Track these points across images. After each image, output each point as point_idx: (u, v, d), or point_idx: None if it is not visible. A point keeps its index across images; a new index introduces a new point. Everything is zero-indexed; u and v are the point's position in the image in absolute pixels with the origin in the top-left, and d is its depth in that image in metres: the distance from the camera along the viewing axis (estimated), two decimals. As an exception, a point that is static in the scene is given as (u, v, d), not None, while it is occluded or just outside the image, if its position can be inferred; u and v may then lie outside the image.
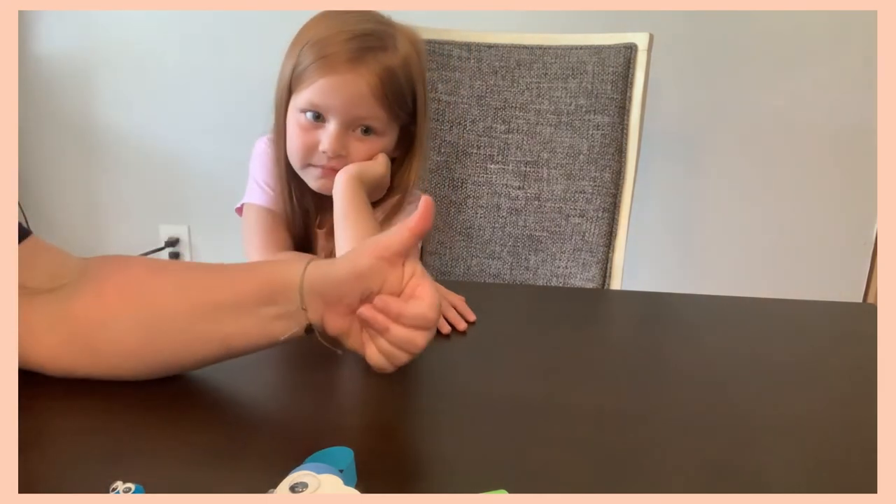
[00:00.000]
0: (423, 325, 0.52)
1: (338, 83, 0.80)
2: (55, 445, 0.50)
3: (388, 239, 0.53)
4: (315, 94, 0.81)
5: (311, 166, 0.85)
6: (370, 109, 0.82)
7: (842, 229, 1.80)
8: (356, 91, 0.80)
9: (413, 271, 0.53)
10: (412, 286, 0.53)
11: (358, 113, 0.82)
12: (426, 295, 0.52)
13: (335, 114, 0.81)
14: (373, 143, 0.84)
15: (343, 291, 0.53)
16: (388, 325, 0.52)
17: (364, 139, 0.84)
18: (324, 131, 0.82)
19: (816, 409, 0.61)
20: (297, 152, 0.84)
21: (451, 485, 0.47)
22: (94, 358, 0.56)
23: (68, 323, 0.56)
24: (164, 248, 2.09)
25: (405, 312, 0.51)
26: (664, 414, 0.59)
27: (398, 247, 0.52)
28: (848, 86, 1.70)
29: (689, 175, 1.82)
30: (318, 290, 0.53)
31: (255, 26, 1.87)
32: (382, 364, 0.54)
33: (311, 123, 0.83)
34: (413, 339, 0.52)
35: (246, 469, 0.48)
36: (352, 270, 0.53)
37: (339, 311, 0.53)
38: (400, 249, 0.52)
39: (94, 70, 2.00)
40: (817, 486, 0.48)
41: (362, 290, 0.52)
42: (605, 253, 1.17)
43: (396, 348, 0.53)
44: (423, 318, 0.52)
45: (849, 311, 0.92)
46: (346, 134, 0.83)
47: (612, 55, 1.15)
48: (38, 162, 2.09)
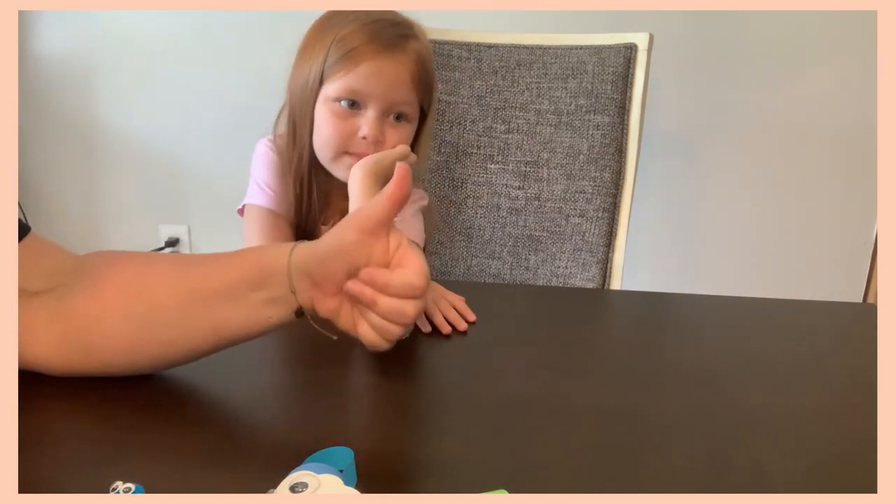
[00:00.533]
0: (412, 294, 0.51)
1: (380, 68, 0.81)
2: (55, 445, 0.50)
3: (369, 210, 0.52)
4: (355, 80, 0.82)
5: (346, 155, 0.85)
6: (407, 95, 0.84)
7: (842, 229, 1.80)
8: (397, 76, 0.82)
9: (399, 242, 0.53)
10: (399, 257, 0.52)
11: (396, 98, 0.83)
12: (412, 262, 0.51)
13: (375, 99, 0.82)
14: (404, 130, 0.86)
15: (329, 268, 0.52)
16: (376, 297, 0.51)
17: (396, 126, 0.85)
18: (362, 118, 0.83)
19: (816, 409, 0.61)
20: (331, 140, 0.84)
21: (451, 485, 0.48)
22: (88, 355, 0.56)
23: (64, 321, 0.56)
24: (164, 248, 2.09)
25: (392, 282, 0.51)
26: (664, 414, 0.59)
27: (379, 216, 0.52)
28: (848, 86, 1.70)
29: (689, 175, 1.82)
30: (305, 271, 0.52)
31: (256, 26, 1.87)
32: (376, 340, 0.53)
33: (346, 111, 0.83)
34: (403, 309, 0.51)
35: (246, 469, 0.48)
36: (336, 246, 0.52)
37: (328, 291, 0.53)
38: (381, 219, 0.52)
39: (94, 70, 2.00)
40: (817, 486, 0.48)
41: (349, 265, 0.52)
42: (605, 253, 1.17)
43: (387, 321, 0.52)
44: (410, 286, 0.51)
45: (849, 311, 0.91)
46: (383, 120, 0.84)
47: (612, 55, 1.15)
48: (38, 162, 2.09)
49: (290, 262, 0.52)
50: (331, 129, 0.84)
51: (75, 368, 0.57)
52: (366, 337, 0.53)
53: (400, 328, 0.52)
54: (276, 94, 0.98)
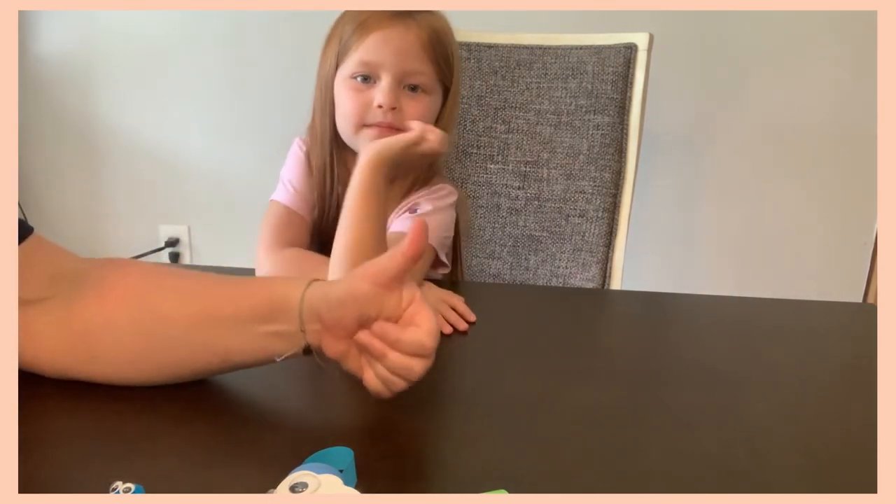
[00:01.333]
0: (421, 353, 0.52)
1: (387, 36, 0.82)
2: (55, 446, 0.50)
3: (384, 263, 0.53)
4: (365, 51, 0.83)
5: (366, 128, 0.85)
6: (419, 63, 0.84)
7: (842, 229, 1.80)
8: (406, 42, 0.82)
9: (412, 297, 0.53)
10: (411, 313, 0.53)
11: (408, 66, 0.83)
12: (424, 322, 0.52)
13: (386, 68, 0.83)
14: (422, 101, 0.86)
15: (340, 314, 0.53)
16: (386, 351, 0.52)
17: (414, 96, 0.85)
18: (376, 89, 0.83)
19: (816, 409, 0.61)
20: (350, 114, 0.85)
21: (451, 485, 0.48)
22: (92, 363, 0.56)
23: (69, 327, 0.56)
24: (164, 248, 2.09)
25: (403, 339, 0.51)
26: (664, 413, 0.59)
27: (394, 272, 0.52)
28: (848, 86, 1.70)
29: (689, 175, 1.82)
30: (316, 313, 0.53)
31: (256, 26, 1.87)
32: (380, 389, 0.54)
33: (361, 86, 0.84)
34: (410, 367, 0.52)
35: (246, 469, 0.48)
36: (349, 294, 0.53)
37: (338, 335, 0.53)
38: (395, 274, 0.52)
39: (94, 70, 2.00)
40: (817, 486, 0.48)
41: (359, 314, 0.52)
42: (605, 253, 1.17)
43: (394, 375, 0.53)
44: (420, 345, 0.52)
45: (849, 311, 0.92)
46: (398, 89, 0.84)
47: (612, 55, 1.15)
48: (38, 162, 2.09)
49: (302, 301, 0.53)
50: (348, 103, 0.85)
51: (78, 375, 0.57)
52: (370, 385, 0.54)
53: (405, 383, 0.53)
54: (277, 94, 0.98)
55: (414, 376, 0.52)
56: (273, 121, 1.88)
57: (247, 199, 1.84)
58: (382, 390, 0.54)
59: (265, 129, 1.91)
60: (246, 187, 1.96)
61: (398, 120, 0.84)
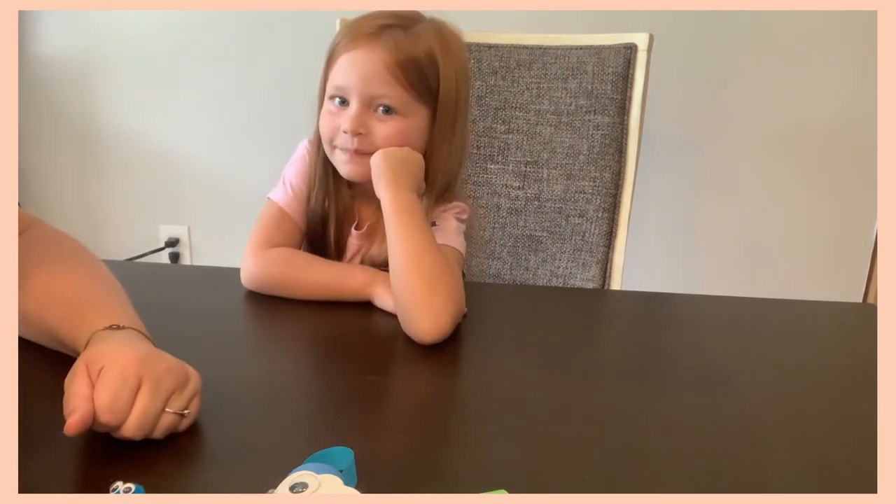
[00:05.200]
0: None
1: (354, 59, 0.82)
2: (55, 445, 0.50)
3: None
4: (335, 75, 0.83)
5: (337, 150, 0.86)
6: (386, 86, 0.82)
7: (842, 229, 1.80)
8: (370, 66, 0.81)
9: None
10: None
11: (374, 90, 0.82)
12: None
13: (354, 92, 0.83)
14: (394, 124, 0.84)
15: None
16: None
17: (385, 119, 0.84)
18: (345, 113, 0.84)
19: (816, 409, 0.61)
20: (323, 136, 0.86)
21: (451, 485, 0.48)
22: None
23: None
24: (164, 248, 2.09)
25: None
26: (664, 413, 0.59)
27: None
28: (848, 86, 1.70)
29: (689, 175, 1.82)
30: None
31: (256, 26, 1.87)
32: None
33: (338, 108, 0.84)
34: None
35: (246, 469, 0.48)
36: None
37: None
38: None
39: (94, 70, 2.00)
40: (817, 486, 0.48)
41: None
42: (605, 253, 1.17)
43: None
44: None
45: (849, 311, 0.92)
46: (366, 113, 0.83)
47: (612, 55, 1.15)
48: (38, 162, 2.09)
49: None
50: (323, 125, 0.86)
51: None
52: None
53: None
54: (277, 94, 0.98)
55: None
56: (273, 121, 1.88)
57: (247, 199, 1.83)
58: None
59: (265, 130, 1.91)
60: (246, 187, 1.96)
61: (365, 145, 0.83)
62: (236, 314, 0.82)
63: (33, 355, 0.63)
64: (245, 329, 0.81)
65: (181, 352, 0.55)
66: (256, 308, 0.82)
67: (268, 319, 0.80)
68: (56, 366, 0.55)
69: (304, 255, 0.87)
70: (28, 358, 0.60)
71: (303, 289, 0.82)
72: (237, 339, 0.76)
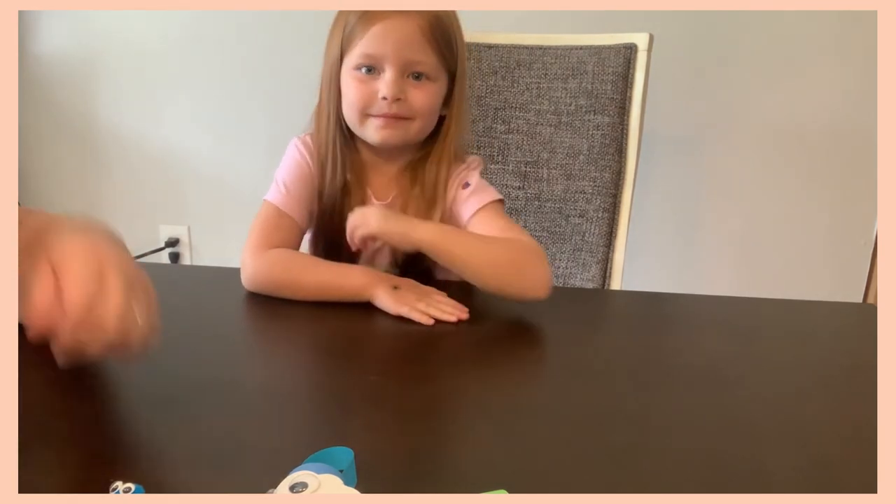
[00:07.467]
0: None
1: (389, 27, 0.83)
2: (55, 445, 0.50)
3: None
4: (368, 43, 0.84)
5: (371, 117, 0.87)
6: (422, 52, 0.85)
7: (842, 229, 1.80)
8: (408, 33, 0.83)
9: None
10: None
11: (411, 56, 0.84)
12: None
13: (389, 60, 0.84)
14: (427, 89, 0.87)
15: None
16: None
17: (419, 85, 0.86)
18: (381, 80, 0.85)
19: (816, 409, 0.61)
20: (355, 105, 0.87)
21: (451, 485, 0.48)
22: None
23: None
24: (164, 248, 2.09)
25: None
26: (664, 414, 0.59)
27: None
28: (848, 86, 1.70)
29: (689, 175, 1.82)
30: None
31: (256, 26, 1.87)
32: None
33: (366, 76, 0.86)
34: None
35: (246, 469, 0.48)
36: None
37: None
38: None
39: (94, 70, 2.00)
40: (817, 486, 0.48)
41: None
42: (605, 253, 1.17)
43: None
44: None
45: (849, 311, 0.92)
46: (402, 79, 0.85)
47: (612, 55, 1.15)
48: (37, 162, 2.09)
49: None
50: (353, 93, 0.86)
51: None
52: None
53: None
54: (277, 94, 0.98)
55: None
56: (273, 121, 1.88)
57: (247, 199, 1.83)
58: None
59: (265, 129, 1.91)
60: (246, 187, 1.96)
61: (403, 109, 0.86)
62: (236, 314, 0.82)
63: (33, 355, 0.63)
64: (245, 329, 0.81)
65: (181, 352, 0.55)
66: (256, 308, 0.82)
67: (268, 319, 0.80)
68: (56, 366, 0.55)
69: (304, 256, 0.87)
70: (28, 358, 0.60)
71: (303, 290, 0.82)
72: (237, 339, 0.76)
